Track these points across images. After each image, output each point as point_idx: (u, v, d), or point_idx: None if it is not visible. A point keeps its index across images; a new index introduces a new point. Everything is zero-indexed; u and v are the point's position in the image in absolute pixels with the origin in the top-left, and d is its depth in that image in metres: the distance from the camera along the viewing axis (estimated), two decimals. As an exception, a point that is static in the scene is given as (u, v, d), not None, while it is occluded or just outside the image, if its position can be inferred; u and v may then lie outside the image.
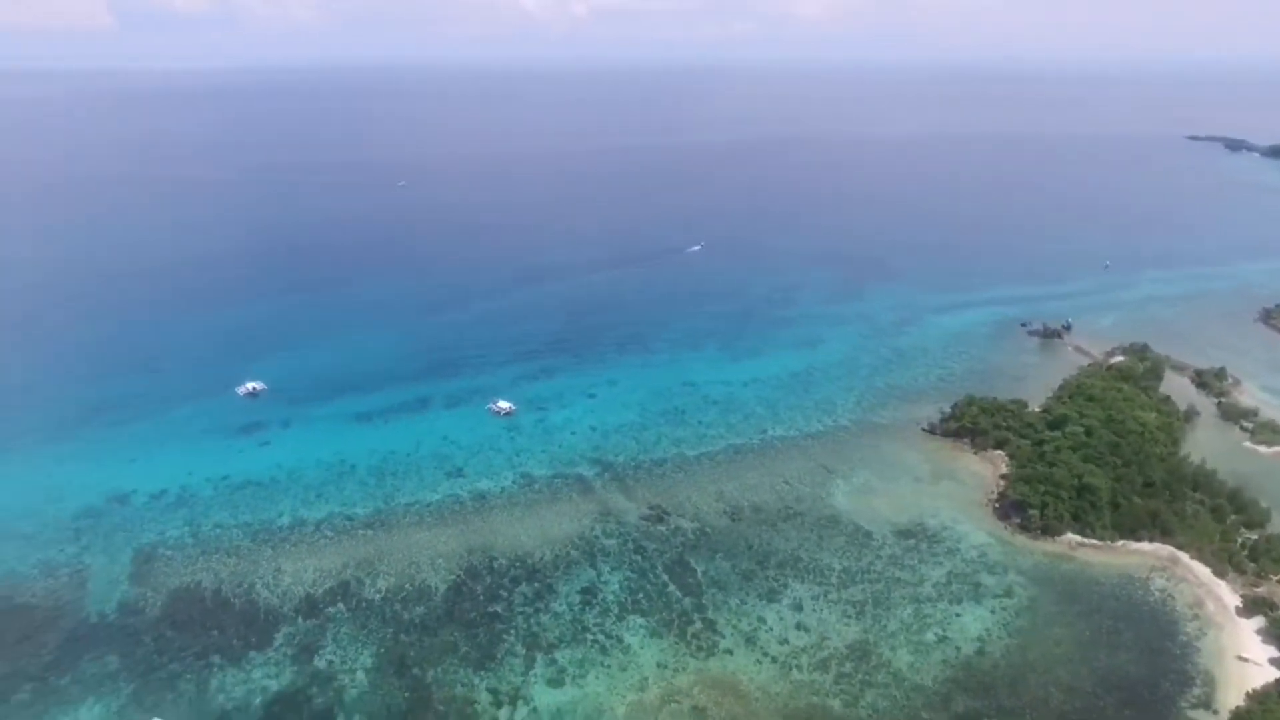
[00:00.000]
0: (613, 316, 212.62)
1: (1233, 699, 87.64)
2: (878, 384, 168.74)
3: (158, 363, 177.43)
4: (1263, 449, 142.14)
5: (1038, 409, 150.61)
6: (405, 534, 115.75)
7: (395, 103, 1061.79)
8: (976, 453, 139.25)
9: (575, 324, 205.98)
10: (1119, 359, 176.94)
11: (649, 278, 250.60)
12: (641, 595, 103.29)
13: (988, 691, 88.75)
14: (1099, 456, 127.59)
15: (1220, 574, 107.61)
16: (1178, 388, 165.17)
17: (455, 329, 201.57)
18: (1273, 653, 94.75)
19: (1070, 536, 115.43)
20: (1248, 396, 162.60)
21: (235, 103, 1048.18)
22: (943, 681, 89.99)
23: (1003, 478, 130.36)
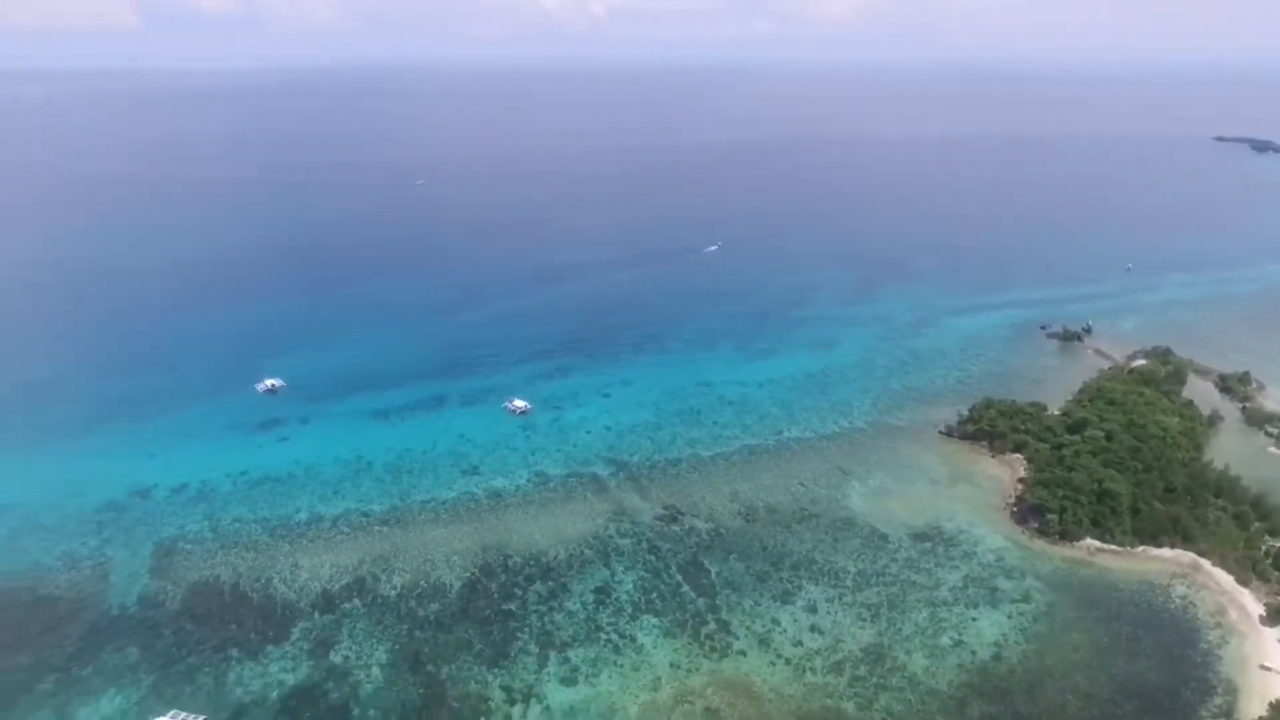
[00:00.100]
0: (629, 316, 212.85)
1: (1255, 709, 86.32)
2: (894, 386, 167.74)
3: (179, 359, 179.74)
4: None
5: (1057, 412, 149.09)
6: (421, 531, 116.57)
7: (415, 102, 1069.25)
8: (994, 456, 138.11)
9: (591, 323, 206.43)
10: (1141, 362, 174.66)
11: (665, 278, 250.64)
12: (655, 595, 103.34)
13: (1004, 697, 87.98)
14: (1119, 461, 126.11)
15: (1243, 582, 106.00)
16: (1201, 392, 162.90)
17: (472, 328, 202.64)
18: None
19: (1089, 542, 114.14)
20: (1272, 401, 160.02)
21: (258, 102, 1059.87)
22: (958, 686, 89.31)
23: (1021, 481, 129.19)
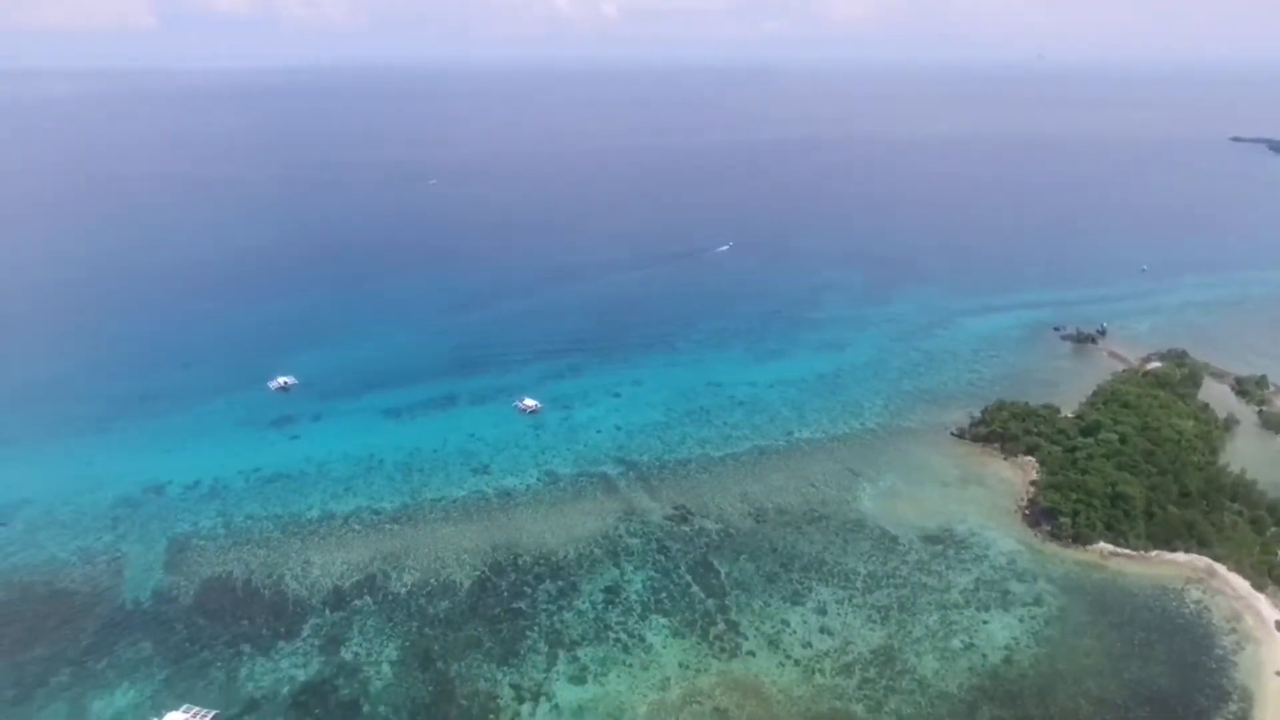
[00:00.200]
0: (639, 316, 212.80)
1: (1271, 716, 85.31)
2: (906, 387, 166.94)
3: (193, 356, 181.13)
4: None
5: (1070, 415, 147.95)
6: (431, 529, 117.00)
7: (426, 102, 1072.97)
8: (1006, 458, 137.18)
9: (602, 323, 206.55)
10: (1155, 365, 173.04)
11: (676, 277, 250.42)
12: (665, 595, 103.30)
13: (1015, 701, 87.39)
14: (1133, 464, 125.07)
15: (1260, 587, 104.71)
16: (1217, 395, 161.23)
17: (482, 326, 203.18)
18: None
19: (1102, 545, 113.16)
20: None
21: (272, 102, 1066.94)
22: (969, 690, 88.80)
23: (1033, 484, 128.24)
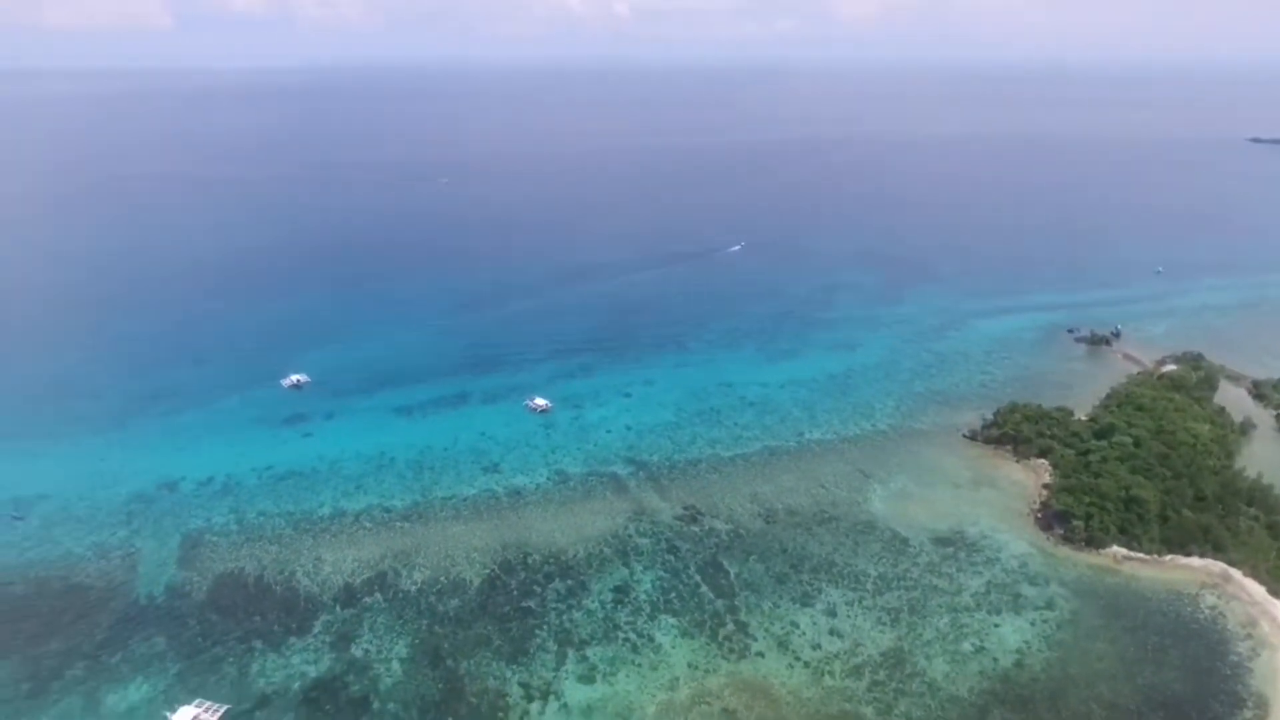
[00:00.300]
0: (651, 316, 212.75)
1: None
2: (918, 388, 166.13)
3: (206, 354, 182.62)
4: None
5: (1084, 417, 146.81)
6: (442, 527, 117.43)
7: (438, 101, 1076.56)
8: (1019, 461, 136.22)
9: (613, 323, 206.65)
10: (1171, 368, 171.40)
11: (688, 277, 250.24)
12: (674, 595, 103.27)
13: (1026, 705, 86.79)
14: (1148, 468, 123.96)
15: (1276, 593, 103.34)
16: (1233, 399, 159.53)
17: (494, 325, 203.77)
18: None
19: (1116, 549, 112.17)
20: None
21: (286, 101, 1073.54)
22: (979, 693, 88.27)
23: (1046, 487, 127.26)
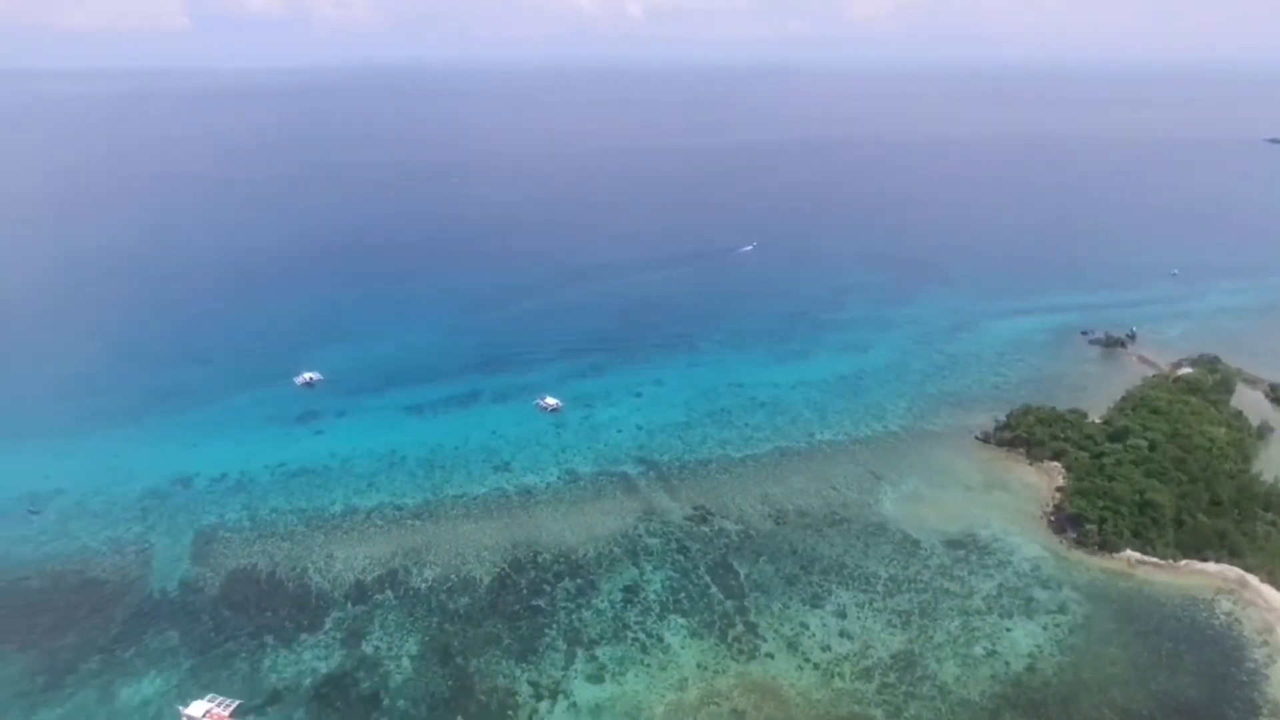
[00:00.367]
0: (662, 316, 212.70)
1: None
2: (930, 390, 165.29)
3: (220, 352, 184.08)
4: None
5: (1098, 420, 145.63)
6: (452, 525, 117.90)
7: (450, 101, 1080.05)
8: (1032, 463, 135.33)
9: (624, 322, 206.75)
10: (1187, 371, 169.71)
11: (699, 277, 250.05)
12: (683, 595, 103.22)
13: (1037, 710, 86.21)
14: (1163, 472, 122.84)
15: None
16: (1250, 402, 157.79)
17: (505, 325, 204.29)
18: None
19: (1130, 553, 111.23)
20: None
21: (299, 102, 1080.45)
22: (990, 697, 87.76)
23: (1059, 490, 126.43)
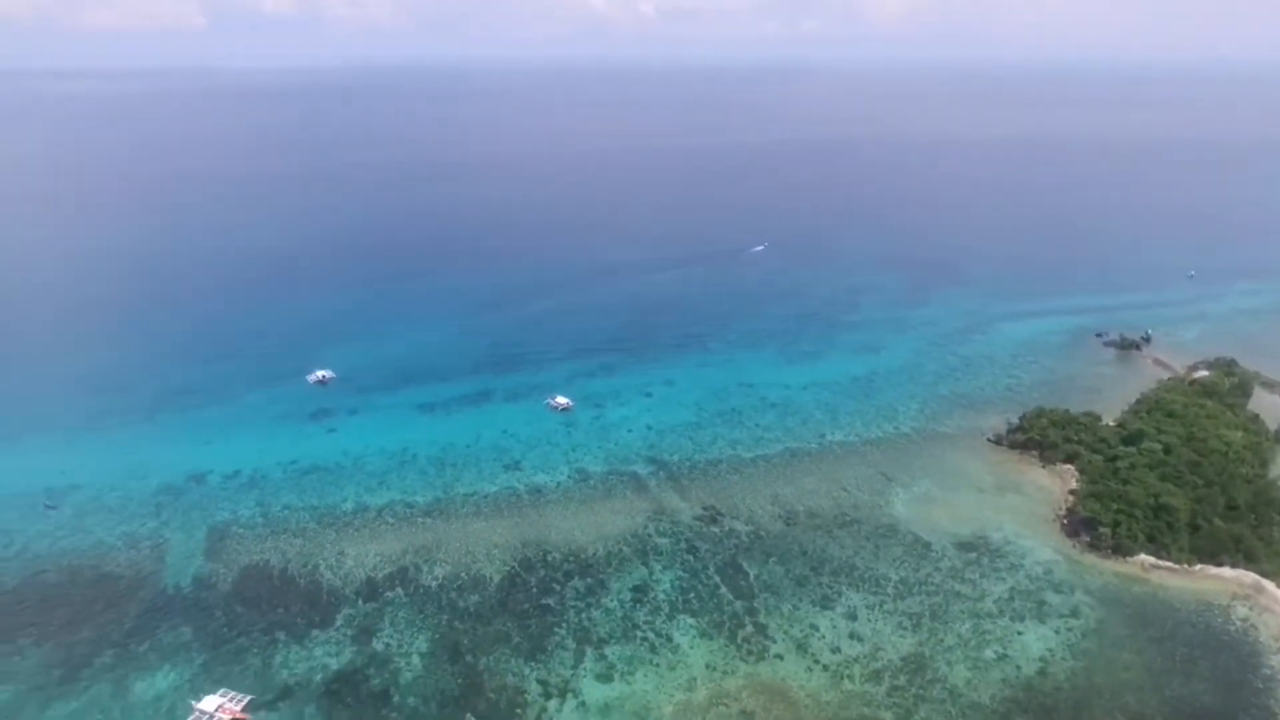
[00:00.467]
0: (673, 316, 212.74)
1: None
2: (942, 391, 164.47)
3: (235, 350, 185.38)
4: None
5: (1112, 423, 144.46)
6: (463, 523, 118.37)
7: (466, 101, 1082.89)
8: (1045, 466, 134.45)
9: (635, 322, 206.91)
10: (1203, 373, 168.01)
11: (711, 277, 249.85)
12: (693, 595, 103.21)
13: (1049, 714, 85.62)
14: (1178, 475, 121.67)
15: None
16: (1268, 406, 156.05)
17: (516, 324, 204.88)
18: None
19: (1143, 558, 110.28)
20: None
21: (314, 101, 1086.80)
22: (1001, 701, 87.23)
23: (1072, 493, 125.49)
